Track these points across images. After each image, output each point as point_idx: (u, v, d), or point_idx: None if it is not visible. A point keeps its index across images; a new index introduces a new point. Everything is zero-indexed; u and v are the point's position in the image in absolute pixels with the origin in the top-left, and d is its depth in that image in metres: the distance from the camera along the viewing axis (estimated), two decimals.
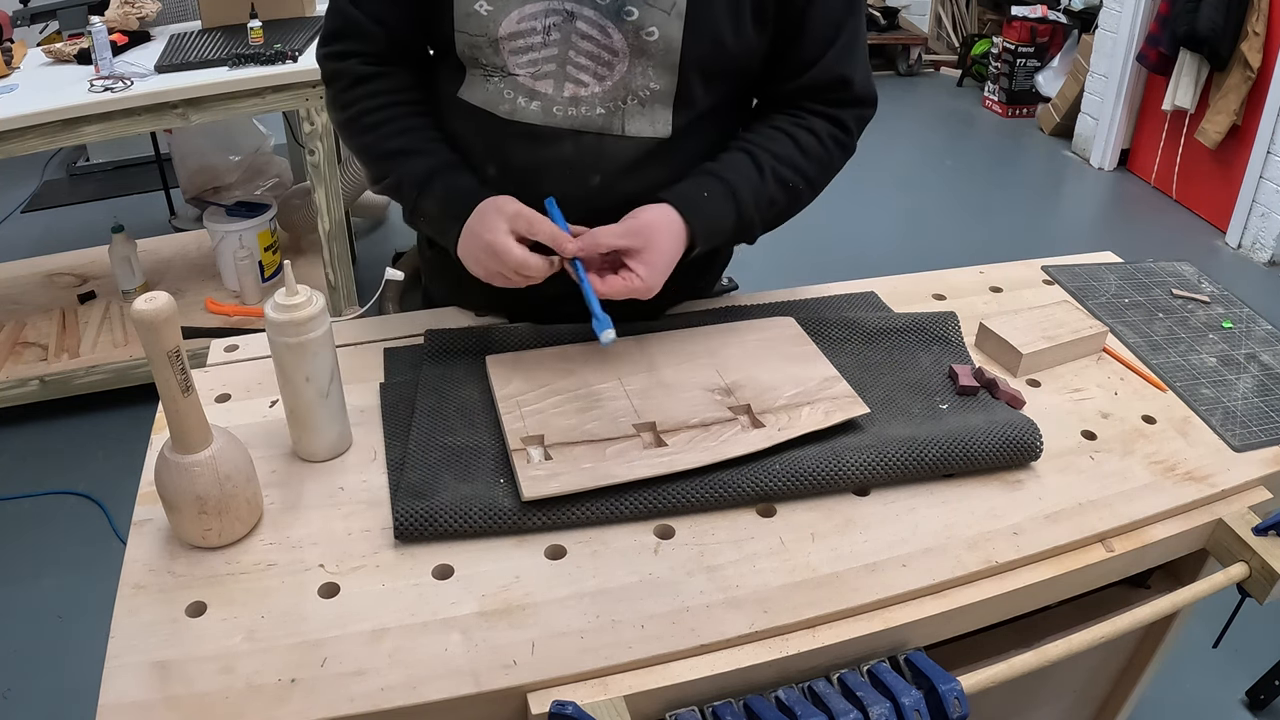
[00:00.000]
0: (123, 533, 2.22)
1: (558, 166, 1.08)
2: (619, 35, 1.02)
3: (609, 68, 1.04)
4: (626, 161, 1.09)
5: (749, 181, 1.08)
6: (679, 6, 1.00)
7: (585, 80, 1.04)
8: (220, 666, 0.76)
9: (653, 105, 1.07)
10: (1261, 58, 3.40)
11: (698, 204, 1.06)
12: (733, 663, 0.79)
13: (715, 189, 1.07)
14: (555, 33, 1.02)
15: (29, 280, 2.97)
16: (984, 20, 5.33)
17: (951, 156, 4.40)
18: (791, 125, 1.12)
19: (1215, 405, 1.11)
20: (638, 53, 1.03)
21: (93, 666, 0.77)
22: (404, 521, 0.87)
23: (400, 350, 1.14)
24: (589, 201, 1.10)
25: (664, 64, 1.04)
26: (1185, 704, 1.83)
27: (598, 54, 1.03)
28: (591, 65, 1.04)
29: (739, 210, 1.08)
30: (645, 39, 1.02)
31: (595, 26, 1.02)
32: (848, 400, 1.02)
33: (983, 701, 0.84)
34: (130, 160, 4.08)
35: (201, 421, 0.83)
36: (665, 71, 1.04)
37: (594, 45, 1.03)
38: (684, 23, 1.01)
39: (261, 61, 2.31)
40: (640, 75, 1.04)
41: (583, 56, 1.03)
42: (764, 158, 1.09)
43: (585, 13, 1.01)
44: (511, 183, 1.08)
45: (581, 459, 0.94)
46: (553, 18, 1.02)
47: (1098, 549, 0.93)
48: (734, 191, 1.07)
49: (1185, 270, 1.41)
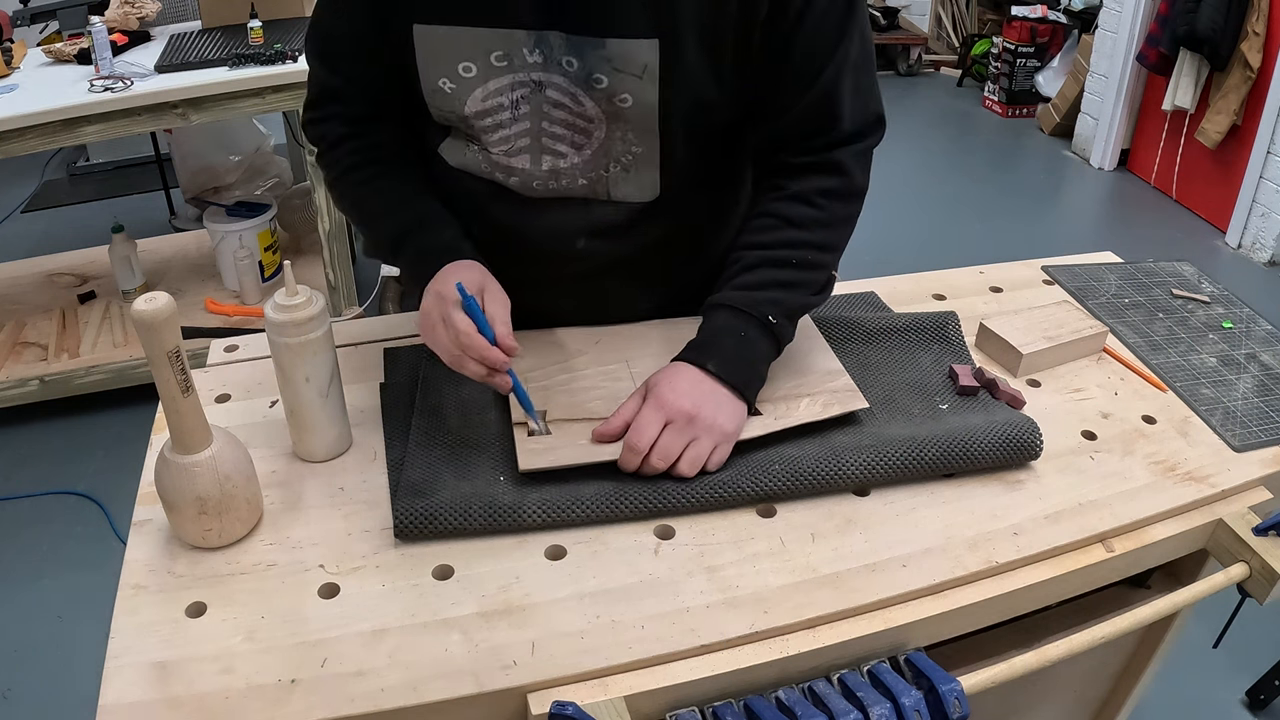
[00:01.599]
0: (123, 533, 2.22)
1: (542, 230, 1.06)
2: (591, 103, 0.97)
3: (586, 135, 0.99)
4: (615, 224, 1.06)
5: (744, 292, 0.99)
6: (651, 69, 0.94)
7: (563, 150, 1.00)
8: (220, 666, 0.76)
9: (637, 170, 1.02)
10: (1261, 58, 3.40)
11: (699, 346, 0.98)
12: (733, 663, 0.79)
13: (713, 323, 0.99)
14: (525, 105, 0.98)
15: (29, 280, 2.97)
16: (984, 20, 5.33)
17: (951, 156, 4.40)
18: (773, 204, 1.03)
19: (1215, 405, 1.11)
20: (614, 119, 0.98)
21: (93, 666, 0.77)
22: (404, 520, 0.87)
23: (400, 350, 1.14)
24: (574, 262, 1.08)
25: (643, 128, 0.99)
26: (1185, 704, 1.83)
27: (573, 122, 0.99)
28: (568, 134, 0.99)
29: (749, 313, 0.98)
30: (620, 105, 0.96)
31: (566, 94, 0.97)
32: (848, 394, 1.02)
33: (983, 701, 0.84)
34: (130, 160, 4.08)
35: (201, 421, 0.83)
36: (646, 135, 0.99)
37: (567, 114, 0.98)
38: (658, 85, 0.95)
39: (261, 61, 2.31)
40: (620, 141, 1.00)
41: (558, 126, 0.99)
42: (752, 256, 1.01)
43: (555, 80, 0.96)
44: (496, 239, 1.05)
45: (579, 435, 0.94)
46: (520, 90, 0.97)
47: (1098, 549, 0.93)
48: (733, 306, 0.99)
49: (1185, 270, 1.41)
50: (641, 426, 0.92)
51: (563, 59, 0.95)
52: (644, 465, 0.92)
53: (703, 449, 0.92)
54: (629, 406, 0.95)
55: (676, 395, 0.93)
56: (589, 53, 0.94)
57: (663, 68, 0.94)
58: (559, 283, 1.10)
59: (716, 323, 0.99)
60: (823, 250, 1.03)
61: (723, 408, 0.94)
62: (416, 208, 1.04)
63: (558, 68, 0.96)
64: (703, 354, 0.97)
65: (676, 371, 0.96)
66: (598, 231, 1.06)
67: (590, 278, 1.10)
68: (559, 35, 0.94)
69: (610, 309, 1.13)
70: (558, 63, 0.95)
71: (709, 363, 0.96)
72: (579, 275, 1.10)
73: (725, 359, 0.96)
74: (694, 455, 0.92)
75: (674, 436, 0.91)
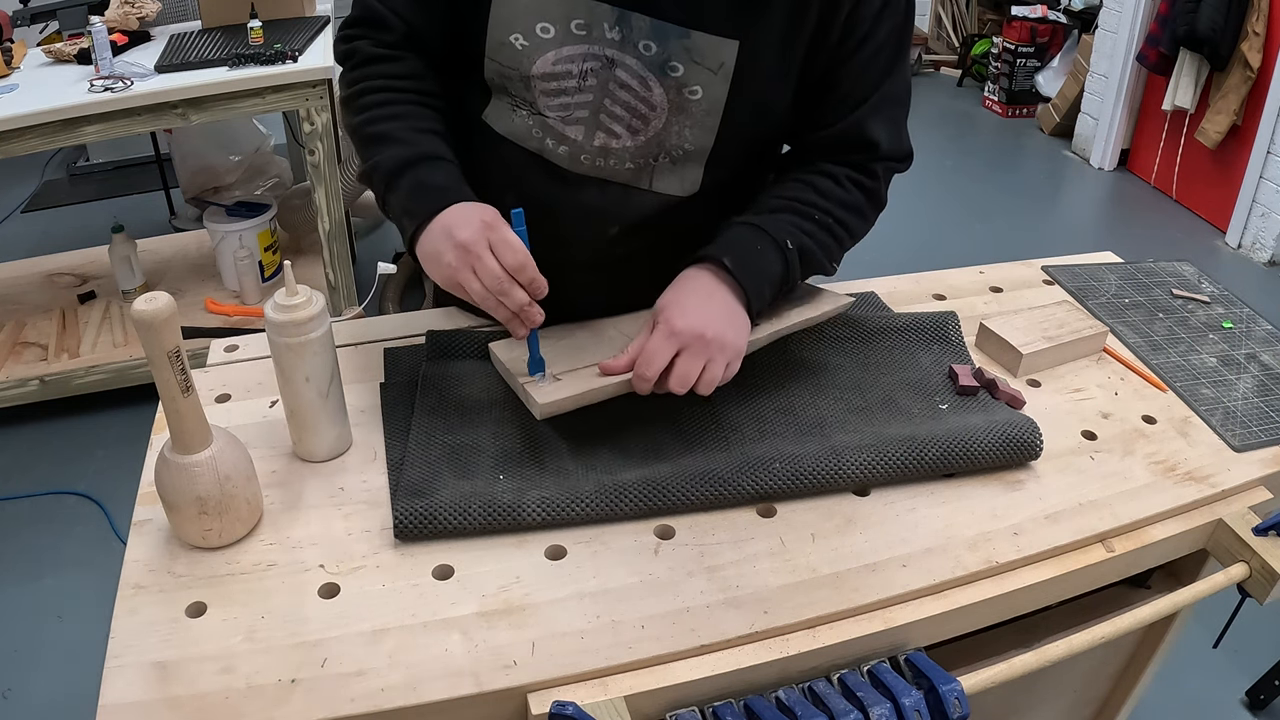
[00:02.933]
0: (123, 533, 2.22)
1: (577, 210, 1.06)
2: (660, 90, 0.98)
3: (644, 122, 1.00)
4: (648, 214, 1.06)
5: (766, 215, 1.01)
6: (727, 67, 0.96)
7: (618, 132, 1.01)
8: (220, 666, 0.76)
9: (684, 164, 1.03)
10: (1261, 58, 3.40)
11: (713, 247, 0.99)
12: (733, 663, 0.79)
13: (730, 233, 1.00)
14: (592, 78, 0.98)
15: (29, 280, 2.97)
16: (984, 20, 5.33)
17: (951, 156, 4.40)
18: (805, 173, 1.05)
19: (1215, 405, 1.11)
20: (676, 110, 0.99)
21: (93, 666, 0.77)
22: (404, 520, 0.87)
23: (400, 350, 1.13)
24: (604, 249, 1.09)
25: (703, 125, 1.00)
26: (1185, 704, 1.83)
27: (635, 106, 0.99)
28: (627, 117, 1.00)
29: (768, 233, 0.99)
30: (688, 97, 0.98)
31: (636, 78, 0.97)
32: (829, 296, 1.06)
33: (983, 701, 0.84)
34: (130, 160, 4.08)
35: (201, 421, 0.83)
36: (703, 132, 1.00)
37: (632, 97, 0.99)
38: (730, 84, 0.97)
39: (261, 61, 2.31)
40: (676, 135, 1.00)
41: (619, 107, 0.99)
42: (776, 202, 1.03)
43: (627, 61, 0.97)
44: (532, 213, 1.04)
45: (588, 376, 0.95)
46: (591, 63, 0.97)
47: (1098, 549, 0.93)
48: (753, 224, 1.00)
49: (1185, 270, 1.41)
50: (651, 356, 0.91)
51: (641, 41, 0.96)
52: (659, 389, 0.92)
53: (717, 369, 0.92)
54: (639, 340, 0.94)
55: (687, 318, 0.92)
56: (672, 40, 0.95)
57: (738, 68, 0.96)
58: (582, 270, 1.09)
59: (734, 233, 1.00)
60: (841, 224, 1.04)
61: (732, 322, 0.94)
62: (424, 144, 1.00)
63: (633, 49, 0.97)
64: (715, 251, 0.97)
65: (682, 290, 0.95)
66: (632, 220, 1.07)
67: (611, 267, 1.10)
68: (644, 18, 0.95)
69: (623, 300, 1.12)
70: (635, 44, 0.96)
71: (725, 257, 0.95)
72: (604, 263, 1.10)
73: (739, 259, 0.96)
74: (710, 377, 0.92)
75: (689, 361, 0.91)
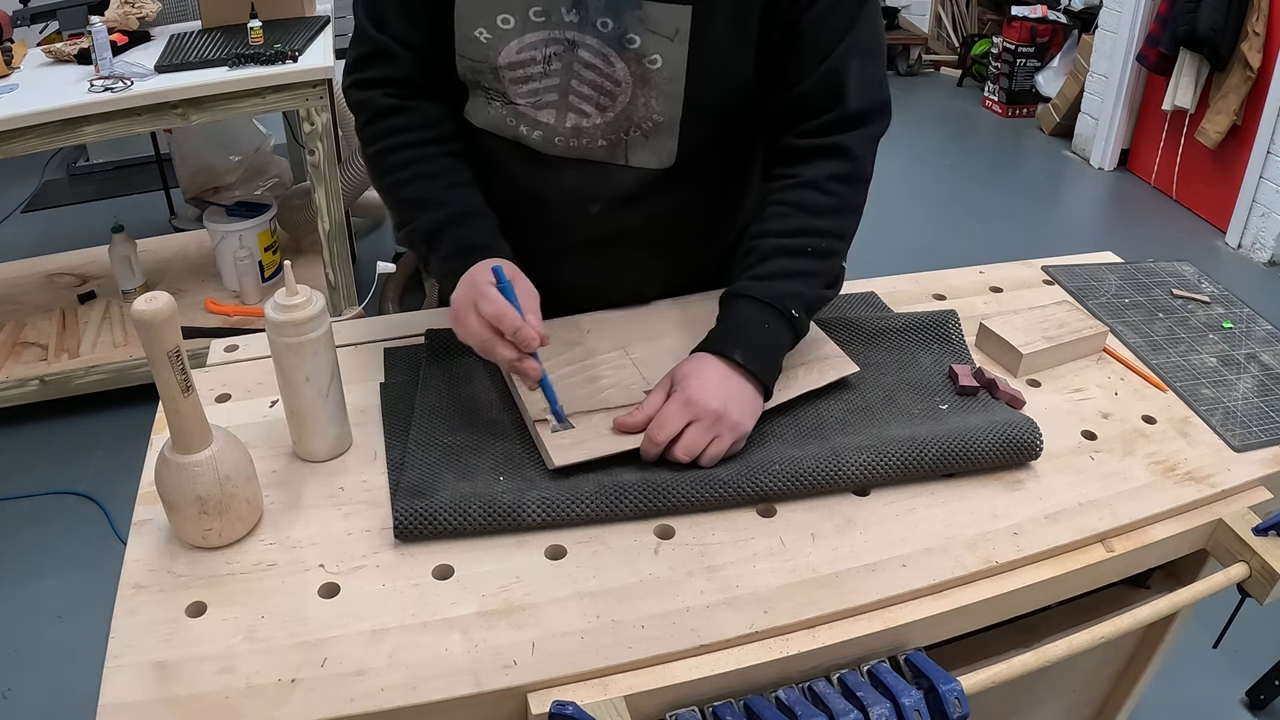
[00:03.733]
0: (123, 533, 2.22)
1: (559, 192, 1.08)
2: (621, 64, 1.00)
3: (611, 98, 1.02)
4: (629, 191, 1.08)
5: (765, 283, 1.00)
6: (682, 33, 0.97)
7: (588, 110, 1.03)
8: (220, 666, 0.76)
9: (656, 136, 1.05)
10: (1261, 58, 3.40)
11: (724, 337, 0.99)
12: (733, 663, 0.79)
13: (736, 314, 1.00)
14: (556, 62, 1.01)
15: (29, 280, 2.97)
16: (984, 20, 5.33)
17: (951, 156, 4.40)
18: (786, 192, 1.04)
19: (1215, 405, 1.11)
20: (641, 82, 1.01)
21: (93, 666, 0.77)
22: (403, 520, 0.87)
23: (400, 350, 1.14)
24: (590, 229, 1.10)
25: (667, 93, 1.01)
26: (1185, 704, 1.83)
27: (600, 84, 1.01)
28: (594, 95, 1.02)
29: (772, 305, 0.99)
30: (648, 67, 0.99)
31: (598, 55, 1.00)
32: (838, 360, 1.06)
33: (983, 701, 0.84)
34: (130, 160, 4.08)
35: (201, 421, 0.83)
36: (669, 101, 1.02)
37: (596, 75, 1.01)
38: (687, 49, 0.98)
39: (261, 61, 2.31)
40: (643, 107, 1.02)
41: (586, 86, 1.02)
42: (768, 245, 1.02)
43: (588, 41, 0.99)
44: (514, 202, 1.08)
45: (602, 426, 0.96)
46: (553, 47, 1.00)
47: (1098, 549, 0.93)
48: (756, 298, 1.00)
49: (1185, 270, 1.41)
50: (664, 421, 0.93)
51: (598, 19, 0.98)
52: (666, 456, 0.94)
53: (723, 446, 0.94)
54: (653, 400, 0.96)
55: (705, 393, 0.94)
56: (626, 13, 0.97)
57: (694, 33, 0.97)
58: (572, 252, 1.12)
59: (739, 313, 1.00)
60: (835, 238, 1.04)
61: (746, 405, 0.96)
62: (456, 203, 1.04)
63: (592, 29, 0.98)
64: (728, 345, 0.98)
65: (703, 365, 0.97)
66: (612, 196, 1.08)
67: (602, 247, 1.12)
68: None
69: (620, 282, 1.15)
70: (592, 23, 0.98)
71: (735, 353, 0.97)
72: (592, 243, 1.12)
73: (751, 350, 0.97)
74: (715, 452, 0.94)
75: (699, 434, 0.93)
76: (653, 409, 0.95)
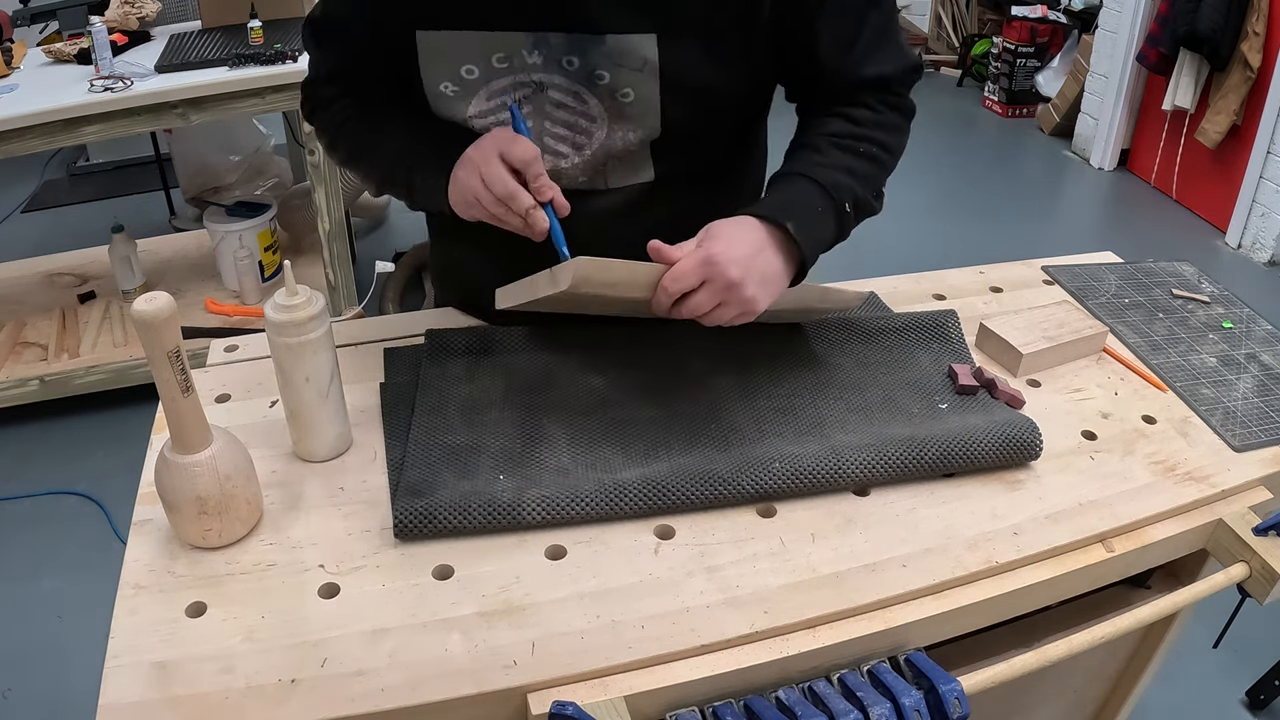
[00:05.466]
0: (123, 533, 2.22)
1: None
2: (594, 100, 0.98)
3: (587, 136, 1.01)
4: (614, 209, 1.07)
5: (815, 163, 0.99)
6: (651, 64, 0.95)
7: (564, 151, 1.02)
8: (220, 666, 0.76)
9: (632, 159, 1.04)
10: (1261, 58, 3.39)
11: (780, 206, 0.95)
12: (733, 663, 0.79)
13: (792, 188, 0.98)
14: (526, 105, 0.99)
15: (29, 280, 2.97)
16: (984, 20, 5.33)
17: (951, 156, 4.40)
18: (836, 109, 1.03)
19: (1215, 405, 1.11)
20: (616, 117, 0.99)
21: (93, 666, 0.77)
22: (403, 519, 0.87)
23: (400, 350, 1.13)
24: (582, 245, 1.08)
25: (644, 124, 1.00)
26: (1185, 704, 1.83)
27: (574, 123, 1.00)
28: (569, 135, 1.01)
29: (829, 192, 0.97)
30: (621, 100, 0.98)
31: (568, 94, 0.98)
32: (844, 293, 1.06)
33: (983, 701, 0.84)
34: (130, 160, 4.08)
35: (201, 421, 0.83)
36: (645, 130, 1.00)
37: (570, 114, 0.99)
38: (659, 79, 0.96)
39: (261, 61, 2.31)
40: (620, 139, 1.01)
41: (560, 127, 1.00)
42: (821, 141, 1.01)
43: (555, 81, 0.97)
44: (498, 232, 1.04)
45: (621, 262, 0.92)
46: (521, 90, 0.98)
47: (1098, 549, 0.93)
48: (815, 180, 0.97)
49: (1185, 270, 1.41)
50: (679, 274, 0.89)
51: (563, 58, 0.96)
52: (671, 310, 0.92)
53: (726, 314, 0.91)
54: (684, 247, 0.92)
55: (728, 258, 0.89)
56: (590, 49, 0.95)
57: (662, 61, 0.95)
58: None
59: (797, 189, 0.97)
60: (884, 149, 1.03)
61: (769, 280, 0.92)
62: (426, 129, 1.03)
63: (558, 67, 0.97)
64: (782, 214, 0.93)
65: (739, 229, 0.92)
66: (598, 219, 1.07)
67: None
68: (559, 35, 0.95)
69: None
70: (558, 62, 0.96)
71: (789, 222, 0.93)
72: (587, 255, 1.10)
73: (803, 225, 0.94)
74: (717, 317, 0.92)
75: (706, 295, 0.90)
76: (679, 254, 0.91)
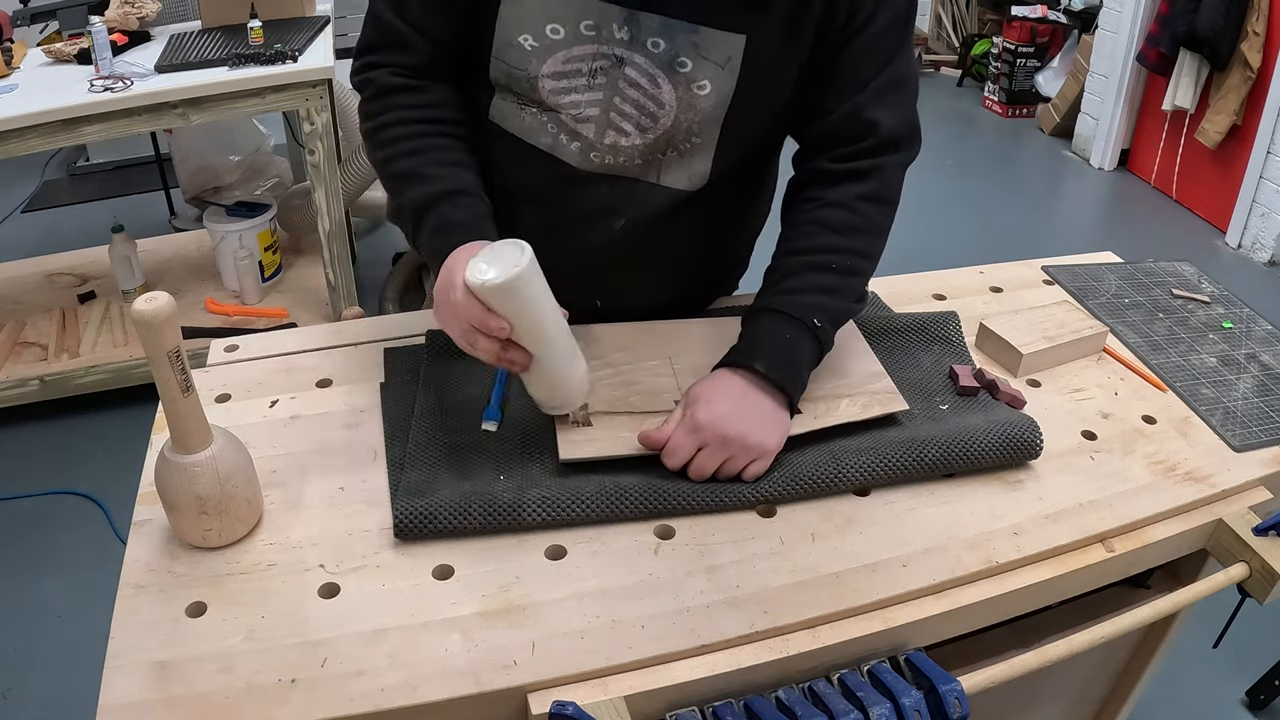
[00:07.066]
0: (123, 533, 2.22)
1: (584, 205, 1.06)
2: (668, 86, 0.98)
3: (653, 120, 1.00)
4: (655, 210, 1.06)
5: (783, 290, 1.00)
6: (734, 62, 0.96)
7: (628, 130, 1.01)
8: (220, 666, 0.76)
9: (691, 158, 1.04)
10: (1261, 58, 3.39)
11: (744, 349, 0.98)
12: (733, 663, 0.79)
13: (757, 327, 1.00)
14: (601, 77, 0.99)
15: (29, 280, 2.97)
16: (984, 20, 5.33)
17: (951, 156, 4.40)
18: (814, 212, 1.03)
19: (1215, 405, 1.11)
20: (685, 107, 0.99)
21: (93, 666, 0.77)
22: (403, 519, 0.87)
23: (400, 350, 1.13)
24: (606, 246, 1.08)
25: (711, 119, 1.00)
26: (1185, 704, 1.83)
27: (644, 104, 0.99)
28: (636, 115, 1.00)
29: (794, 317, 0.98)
30: (696, 93, 0.98)
31: (645, 75, 0.98)
32: (888, 396, 1.02)
33: (983, 701, 0.84)
34: (130, 160, 4.07)
35: (201, 421, 0.83)
36: (710, 125, 1.01)
37: (641, 95, 0.99)
38: (737, 78, 0.97)
39: (261, 61, 2.31)
40: (684, 131, 1.01)
41: (628, 105, 1.00)
42: (793, 263, 1.02)
43: (636, 60, 0.97)
44: (534, 211, 1.06)
45: (620, 429, 0.96)
46: (600, 61, 0.98)
47: (1098, 549, 0.93)
48: (778, 310, 0.99)
49: (1185, 270, 1.41)
50: (674, 449, 0.93)
51: (650, 39, 0.97)
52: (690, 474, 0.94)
53: (736, 466, 0.93)
54: (672, 419, 0.95)
55: (713, 418, 0.92)
56: (680, 37, 0.96)
57: (744, 62, 0.97)
58: (585, 265, 1.08)
59: (761, 326, 0.99)
60: (861, 256, 1.03)
61: (763, 420, 0.94)
62: (450, 179, 1.00)
63: (642, 48, 0.97)
64: (747, 356, 0.97)
65: (715, 385, 0.96)
66: (638, 214, 1.07)
67: (617, 262, 1.11)
68: (653, 16, 0.96)
69: (629, 299, 1.14)
70: (643, 43, 0.97)
71: (756, 361, 0.95)
72: (608, 258, 1.10)
73: (771, 359, 0.96)
74: (728, 471, 0.93)
75: (708, 458, 0.92)
76: (669, 430, 0.94)
